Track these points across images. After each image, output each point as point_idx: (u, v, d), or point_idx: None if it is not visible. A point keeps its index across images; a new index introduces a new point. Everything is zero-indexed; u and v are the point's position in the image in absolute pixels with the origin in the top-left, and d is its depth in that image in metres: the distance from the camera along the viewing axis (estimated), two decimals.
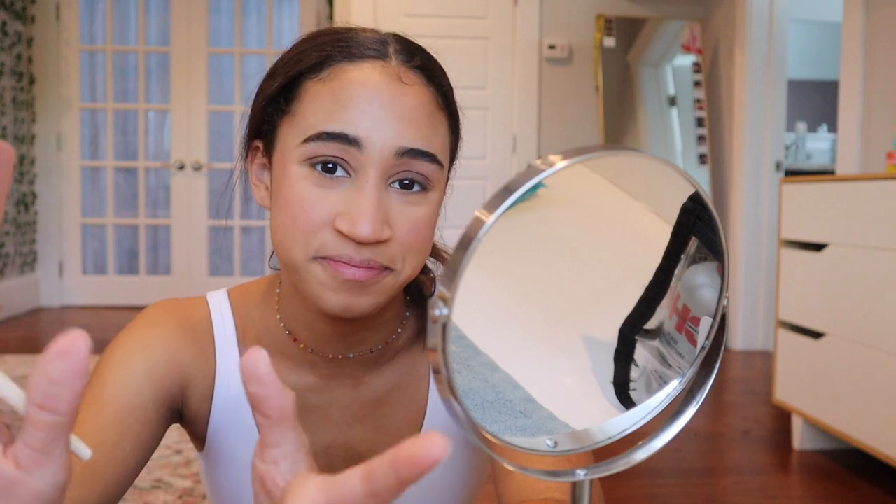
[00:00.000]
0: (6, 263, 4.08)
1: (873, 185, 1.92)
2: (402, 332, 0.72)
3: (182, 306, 0.70)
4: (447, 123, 0.63)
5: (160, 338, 0.66)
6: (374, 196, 0.57)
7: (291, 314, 0.68)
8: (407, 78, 0.60)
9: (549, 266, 0.41)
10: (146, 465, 1.95)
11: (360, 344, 0.68)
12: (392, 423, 0.72)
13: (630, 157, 0.39)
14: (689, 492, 1.96)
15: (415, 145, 0.58)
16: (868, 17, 2.79)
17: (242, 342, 0.69)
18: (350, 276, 0.57)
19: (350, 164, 0.58)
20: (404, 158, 0.58)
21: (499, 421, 0.40)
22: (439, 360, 0.35)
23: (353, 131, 0.57)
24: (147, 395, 0.63)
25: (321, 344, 0.68)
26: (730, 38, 3.92)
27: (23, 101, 4.29)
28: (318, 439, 0.70)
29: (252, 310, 0.71)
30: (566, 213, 0.40)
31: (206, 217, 4.59)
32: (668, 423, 0.45)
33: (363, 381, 0.71)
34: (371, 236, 0.56)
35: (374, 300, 0.60)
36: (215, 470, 0.71)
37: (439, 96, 0.62)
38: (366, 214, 0.56)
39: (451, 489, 0.76)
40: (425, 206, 0.60)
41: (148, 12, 4.55)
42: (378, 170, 0.58)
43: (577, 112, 4.21)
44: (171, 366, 0.66)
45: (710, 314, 0.44)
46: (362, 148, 0.57)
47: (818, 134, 5.38)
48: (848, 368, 1.99)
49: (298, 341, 0.68)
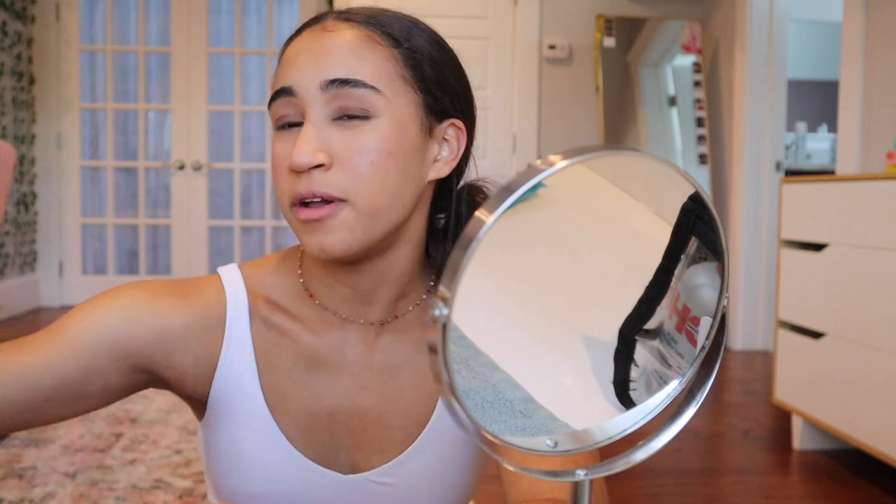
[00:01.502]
0: (6, 263, 4.08)
1: (873, 185, 1.92)
2: (416, 310, 0.74)
3: (192, 283, 0.73)
4: (387, 53, 0.65)
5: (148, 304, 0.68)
6: (306, 130, 0.63)
7: (310, 270, 0.72)
8: (332, 26, 0.65)
9: (549, 266, 0.41)
10: (147, 466, 1.96)
11: (371, 304, 0.71)
12: (400, 397, 0.73)
13: (630, 157, 0.39)
14: (689, 492, 1.96)
15: (337, 75, 0.63)
16: (868, 17, 2.79)
17: (253, 313, 0.72)
18: (305, 216, 0.63)
19: (296, 113, 0.65)
20: (333, 90, 0.63)
21: (499, 421, 0.40)
22: (439, 360, 0.35)
23: (287, 83, 0.64)
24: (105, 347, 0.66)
25: (336, 301, 0.71)
26: (730, 38, 3.92)
27: (23, 101, 4.29)
28: (325, 402, 0.72)
29: (267, 278, 0.74)
30: (566, 213, 0.40)
31: (206, 217, 4.59)
32: (668, 423, 0.45)
33: (376, 349, 0.73)
34: (303, 162, 0.61)
35: (341, 235, 0.63)
36: (217, 434, 0.73)
37: (378, 33, 0.65)
38: (298, 145, 0.62)
39: (453, 483, 0.76)
40: (370, 133, 0.63)
41: (148, 12, 4.55)
42: (313, 107, 0.63)
43: (577, 112, 4.21)
44: (149, 332, 0.68)
45: (710, 314, 0.44)
46: (296, 94, 0.64)
47: (818, 134, 5.38)
48: (848, 368, 1.99)
49: (314, 297, 0.72)
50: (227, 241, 4.64)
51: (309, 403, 0.71)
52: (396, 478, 0.73)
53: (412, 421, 0.73)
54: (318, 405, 0.71)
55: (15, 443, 2.14)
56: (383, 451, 0.73)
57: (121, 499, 1.77)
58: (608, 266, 0.43)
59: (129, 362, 0.68)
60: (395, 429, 0.73)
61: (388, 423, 0.73)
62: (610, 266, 0.43)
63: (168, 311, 0.69)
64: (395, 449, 0.73)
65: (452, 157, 0.70)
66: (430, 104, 0.67)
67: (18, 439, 2.17)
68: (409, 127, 0.65)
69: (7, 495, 1.77)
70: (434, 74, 0.67)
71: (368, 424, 0.73)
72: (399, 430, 0.73)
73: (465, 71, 0.72)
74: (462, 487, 0.77)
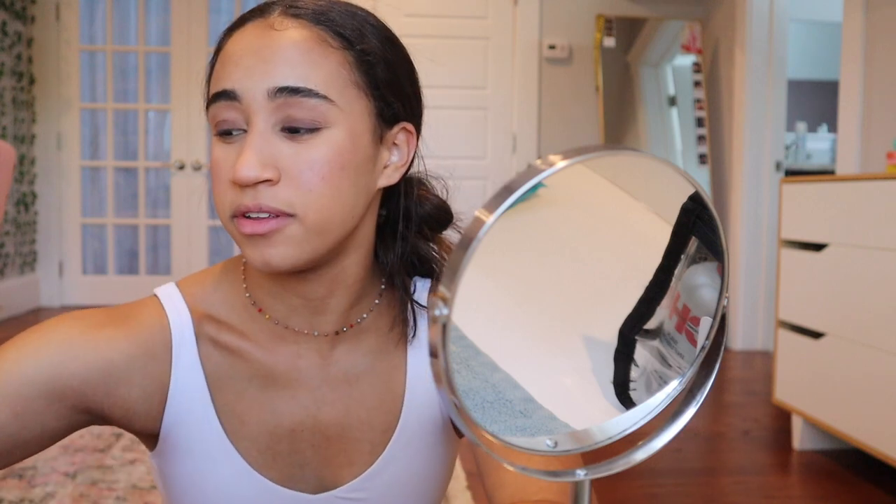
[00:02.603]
0: (6, 263, 4.08)
1: (873, 185, 1.92)
2: (370, 317, 0.71)
3: (130, 309, 0.68)
4: (340, 57, 0.60)
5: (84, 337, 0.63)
6: (252, 141, 0.58)
7: (257, 282, 0.68)
8: (280, 24, 0.60)
9: (549, 266, 0.41)
10: (147, 466, 1.96)
11: (324, 314, 0.67)
12: (363, 408, 0.70)
13: (630, 157, 0.39)
14: (689, 492, 1.96)
15: (286, 83, 0.58)
16: (868, 17, 2.79)
17: (199, 334, 0.67)
18: (249, 230, 0.59)
19: (240, 119, 0.60)
20: (281, 98, 0.58)
21: (499, 421, 0.40)
22: (439, 360, 0.35)
23: (229, 85, 0.59)
24: (39, 390, 0.60)
25: (287, 313, 0.67)
26: (730, 38, 3.92)
27: (23, 101, 4.29)
28: (285, 421, 0.68)
29: (210, 294, 0.69)
30: (566, 213, 0.40)
31: (207, 217, 4.59)
32: (668, 423, 0.45)
33: (332, 360, 0.69)
34: (249, 177, 0.57)
35: (287, 251, 0.59)
36: (171, 465, 0.69)
37: (329, 34, 0.61)
38: (243, 158, 0.58)
39: (427, 487, 0.75)
40: (321, 146, 0.59)
41: (148, 12, 4.55)
42: (259, 116, 0.59)
43: (577, 112, 4.21)
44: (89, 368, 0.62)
45: (710, 314, 0.44)
46: (240, 99, 0.59)
47: (818, 134, 5.38)
48: (848, 368, 1.99)
49: (264, 312, 0.68)
50: (227, 241, 4.64)
51: (268, 423, 0.68)
52: (367, 491, 0.71)
53: (378, 430, 0.71)
54: (277, 424, 0.68)
55: None
56: (351, 464, 0.70)
57: (121, 499, 1.77)
58: (608, 266, 0.43)
59: (68, 403, 0.62)
60: (361, 441, 0.70)
61: (353, 436, 0.70)
62: (610, 266, 0.43)
63: (107, 343, 0.63)
64: (364, 461, 0.70)
65: (402, 163, 0.67)
66: (383, 110, 0.64)
67: None
68: (361, 137, 0.62)
69: (7, 495, 1.77)
70: (387, 78, 0.63)
71: (332, 439, 0.70)
72: (365, 442, 0.70)
73: (414, 66, 0.68)
74: (435, 489, 0.76)
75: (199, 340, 0.67)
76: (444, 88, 4.12)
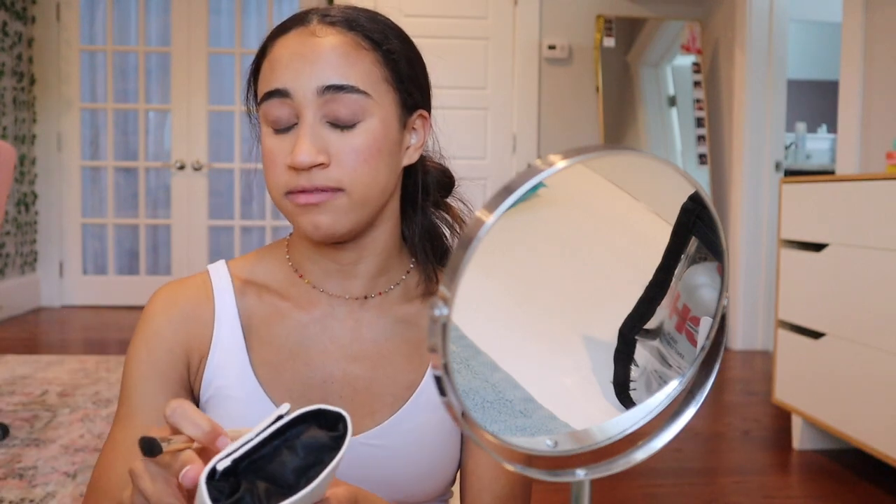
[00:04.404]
0: (6, 263, 4.08)
1: (873, 185, 1.92)
2: (397, 290, 0.80)
3: (182, 286, 0.79)
4: (372, 58, 0.72)
5: (157, 334, 0.76)
6: (306, 131, 0.69)
7: (299, 251, 0.79)
8: (320, 32, 0.71)
9: (550, 266, 0.41)
10: None
11: (354, 278, 0.78)
12: (391, 365, 0.78)
13: (630, 157, 0.39)
14: (689, 492, 1.96)
15: (332, 81, 0.69)
16: (868, 17, 2.79)
17: (239, 295, 0.78)
18: (303, 201, 0.70)
19: (291, 113, 0.70)
20: (328, 95, 0.69)
21: (499, 421, 0.40)
22: (439, 359, 0.35)
23: (281, 85, 0.70)
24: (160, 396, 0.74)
25: (323, 277, 0.78)
26: (730, 38, 3.92)
27: (23, 101, 4.29)
28: (316, 373, 0.77)
29: (253, 266, 0.81)
30: (566, 213, 0.40)
31: (207, 217, 4.59)
32: (668, 423, 0.45)
33: (363, 322, 0.78)
34: (306, 161, 0.68)
35: (335, 217, 0.70)
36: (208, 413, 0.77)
37: (361, 38, 0.72)
38: (300, 146, 0.68)
39: (444, 447, 0.79)
40: (362, 134, 0.70)
41: (148, 12, 4.55)
42: (309, 110, 0.69)
43: (577, 112, 4.21)
44: (173, 354, 0.75)
45: (710, 314, 0.44)
46: (292, 97, 0.69)
47: (818, 134, 5.38)
48: (848, 368, 1.99)
49: (304, 277, 0.79)
50: (227, 241, 4.64)
51: (301, 374, 0.77)
52: (387, 439, 0.77)
53: (401, 385, 0.78)
54: (310, 375, 0.77)
55: (15, 443, 2.14)
56: (373, 413, 0.77)
57: None
58: (608, 266, 0.43)
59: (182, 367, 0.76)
60: (385, 394, 0.78)
61: (378, 390, 0.78)
62: (610, 266, 0.43)
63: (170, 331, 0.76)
64: (385, 412, 0.77)
65: (420, 144, 0.78)
66: (406, 100, 0.75)
67: (18, 439, 2.17)
68: (391, 124, 0.73)
69: (7, 495, 1.77)
70: (408, 73, 0.75)
71: (359, 391, 0.77)
72: (388, 396, 0.78)
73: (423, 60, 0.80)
74: (451, 452, 0.80)
75: (239, 300, 0.78)
76: (443, 88, 4.10)
